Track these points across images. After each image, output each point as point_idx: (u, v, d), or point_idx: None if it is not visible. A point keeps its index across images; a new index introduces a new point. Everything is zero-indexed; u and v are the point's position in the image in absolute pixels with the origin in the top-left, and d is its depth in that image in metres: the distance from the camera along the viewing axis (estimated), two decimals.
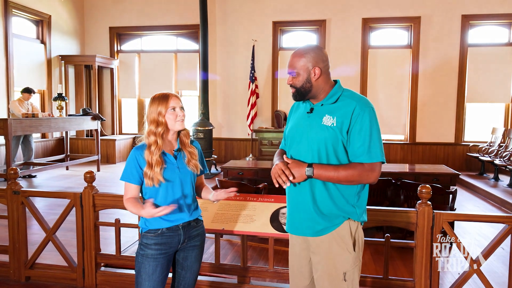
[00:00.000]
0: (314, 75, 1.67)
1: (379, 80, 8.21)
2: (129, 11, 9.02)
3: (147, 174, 1.77)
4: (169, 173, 1.81)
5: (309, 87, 1.68)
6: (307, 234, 1.70)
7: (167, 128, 1.82)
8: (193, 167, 1.87)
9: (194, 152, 1.89)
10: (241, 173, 4.55)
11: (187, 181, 1.86)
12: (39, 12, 8.02)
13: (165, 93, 1.84)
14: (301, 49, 1.70)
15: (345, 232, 1.66)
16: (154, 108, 1.81)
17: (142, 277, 1.81)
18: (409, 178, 4.19)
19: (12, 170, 2.93)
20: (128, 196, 1.83)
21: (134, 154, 1.82)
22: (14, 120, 5.76)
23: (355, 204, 1.68)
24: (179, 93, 9.15)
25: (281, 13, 8.32)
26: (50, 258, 3.14)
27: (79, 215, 2.82)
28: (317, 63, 1.67)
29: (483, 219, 2.48)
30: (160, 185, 1.80)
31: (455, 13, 7.72)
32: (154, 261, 1.81)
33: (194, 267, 1.93)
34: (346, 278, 1.66)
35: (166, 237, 1.83)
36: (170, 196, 1.83)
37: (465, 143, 7.91)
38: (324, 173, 1.61)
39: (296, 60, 1.67)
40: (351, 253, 1.66)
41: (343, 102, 1.66)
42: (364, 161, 1.61)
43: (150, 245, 1.82)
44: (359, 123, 1.61)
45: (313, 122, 1.68)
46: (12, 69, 7.36)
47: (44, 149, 8.28)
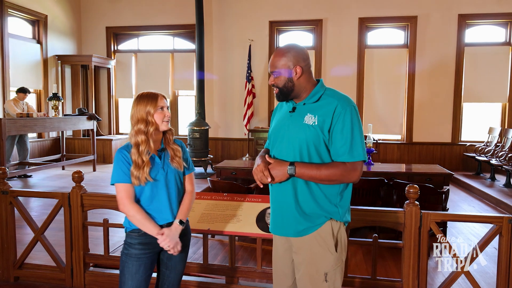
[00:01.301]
0: (296, 74, 1.66)
1: (376, 79, 8.19)
2: (126, 11, 9.01)
3: (133, 173, 1.75)
4: (154, 173, 1.80)
5: (291, 86, 1.67)
6: (290, 234, 1.69)
7: (156, 128, 1.80)
8: (177, 165, 1.85)
9: (178, 149, 1.88)
10: (234, 173, 4.54)
11: (172, 181, 1.85)
12: (35, 12, 8.00)
13: (153, 93, 1.82)
14: (282, 48, 1.69)
15: (327, 232, 1.65)
16: (142, 107, 1.78)
17: (126, 276, 1.81)
18: (403, 178, 4.18)
19: (0, 170, 2.91)
20: (126, 198, 1.78)
21: (121, 154, 1.80)
22: (8, 120, 5.75)
23: (338, 203, 1.66)
24: (176, 92, 9.14)
25: (278, 12, 8.30)
26: (40, 258, 3.13)
27: (67, 215, 2.81)
28: (298, 62, 1.66)
29: (471, 219, 2.47)
30: (146, 184, 1.78)
31: (452, 13, 7.70)
32: (137, 260, 1.80)
33: (179, 267, 1.92)
34: (327, 279, 1.65)
35: (150, 237, 1.81)
36: (155, 196, 1.82)
37: (461, 143, 7.89)
38: (306, 171, 1.60)
39: (277, 59, 1.67)
40: (332, 254, 1.65)
41: (324, 101, 1.65)
42: (346, 160, 1.60)
43: (134, 244, 1.82)
44: (340, 122, 1.60)
45: (294, 121, 1.67)
46: (8, 69, 7.34)
47: (40, 149, 8.27)
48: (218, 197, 2.52)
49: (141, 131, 1.77)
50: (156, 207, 1.83)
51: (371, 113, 8.21)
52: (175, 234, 1.83)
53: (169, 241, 1.80)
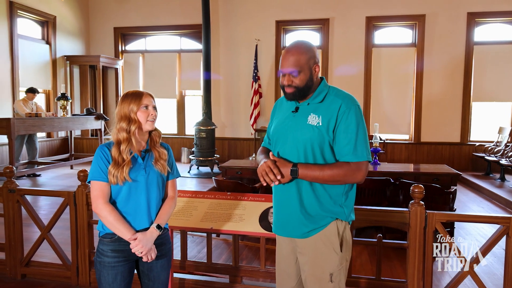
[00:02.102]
0: (315, 73, 1.62)
1: (383, 79, 8.13)
2: (133, 12, 9.07)
3: (112, 172, 1.67)
4: (135, 174, 1.72)
5: (311, 85, 1.63)
6: (294, 235, 1.66)
7: (140, 127, 1.74)
8: (161, 167, 1.77)
9: (164, 152, 1.81)
10: (239, 173, 4.54)
11: (153, 184, 1.76)
12: (44, 13, 8.10)
13: (139, 91, 1.78)
14: (300, 45, 1.61)
15: (332, 232, 1.62)
16: (125, 104, 1.73)
17: (103, 286, 1.70)
18: (410, 178, 4.13)
19: (8, 169, 2.95)
20: (100, 197, 1.68)
21: (101, 151, 1.73)
22: (17, 120, 5.83)
23: (343, 204, 1.64)
24: (183, 92, 9.17)
25: (284, 12, 8.28)
26: (47, 256, 3.17)
27: (72, 214, 2.83)
28: (315, 58, 1.62)
29: (477, 220, 2.44)
30: (124, 184, 1.70)
31: (461, 11, 7.60)
32: (112, 269, 1.69)
33: (162, 276, 1.81)
34: (333, 279, 1.62)
35: (123, 244, 1.71)
36: (133, 198, 1.72)
37: (471, 143, 7.79)
38: (309, 172, 1.57)
39: (297, 57, 1.58)
40: (338, 254, 1.62)
41: (328, 101, 1.62)
42: (350, 160, 1.57)
43: (106, 251, 1.71)
44: (344, 121, 1.57)
45: (298, 122, 1.64)
46: (18, 70, 7.45)
47: (49, 149, 8.37)
48: (222, 196, 2.52)
49: (123, 129, 1.71)
50: (132, 210, 1.73)
51: (379, 113, 8.15)
52: (150, 239, 1.71)
53: (141, 247, 1.68)
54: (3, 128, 5.64)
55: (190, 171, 7.45)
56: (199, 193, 2.61)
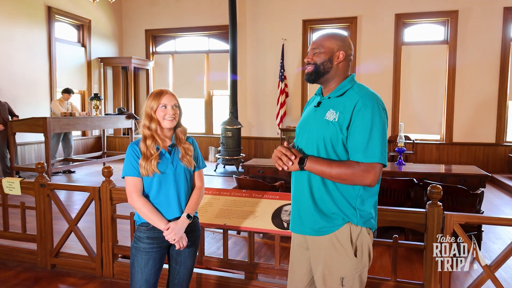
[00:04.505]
0: (338, 58, 1.63)
1: (413, 77, 7.90)
2: (164, 14, 9.32)
3: (142, 165, 1.81)
4: (163, 167, 1.84)
5: (329, 67, 1.63)
6: (307, 232, 1.65)
7: (160, 124, 1.85)
8: (187, 163, 1.89)
9: (190, 148, 1.92)
10: (261, 171, 4.58)
11: (180, 176, 1.88)
12: (80, 17, 8.49)
13: (161, 90, 1.88)
14: (331, 32, 1.70)
15: (345, 236, 1.57)
16: (148, 102, 1.85)
17: (135, 269, 1.85)
18: (435, 179, 4.02)
19: (40, 165, 3.13)
20: (134, 191, 1.83)
21: (132, 149, 1.86)
22: (53, 119, 6.15)
23: (357, 207, 1.58)
24: (210, 92, 9.32)
25: (311, 11, 8.24)
26: (75, 248, 3.33)
27: (97, 208, 2.97)
28: (343, 47, 1.63)
29: (499, 222, 2.35)
30: (154, 177, 1.83)
31: (496, 6, 7.27)
32: (146, 254, 1.85)
33: (188, 262, 1.96)
34: (344, 284, 1.58)
35: (158, 232, 1.85)
36: (163, 190, 1.85)
37: (507, 144, 7.43)
38: (317, 166, 1.53)
39: (323, 38, 1.65)
40: (351, 259, 1.56)
41: (348, 96, 1.58)
42: (360, 160, 1.50)
43: (142, 238, 1.86)
44: (359, 119, 1.51)
45: (317, 117, 1.63)
46: (55, 71, 7.85)
47: (84, 146, 8.76)
48: (237, 193, 2.57)
49: (146, 126, 1.85)
50: (164, 201, 1.86)
51: (408, 112, 7.94)
52: (181, 227, 1.84)
53: (174, 234, 1.82)
54: (39, 126, 5.96)
55: (216, 169, 7.57)
56: (215, 190, 2.67)
